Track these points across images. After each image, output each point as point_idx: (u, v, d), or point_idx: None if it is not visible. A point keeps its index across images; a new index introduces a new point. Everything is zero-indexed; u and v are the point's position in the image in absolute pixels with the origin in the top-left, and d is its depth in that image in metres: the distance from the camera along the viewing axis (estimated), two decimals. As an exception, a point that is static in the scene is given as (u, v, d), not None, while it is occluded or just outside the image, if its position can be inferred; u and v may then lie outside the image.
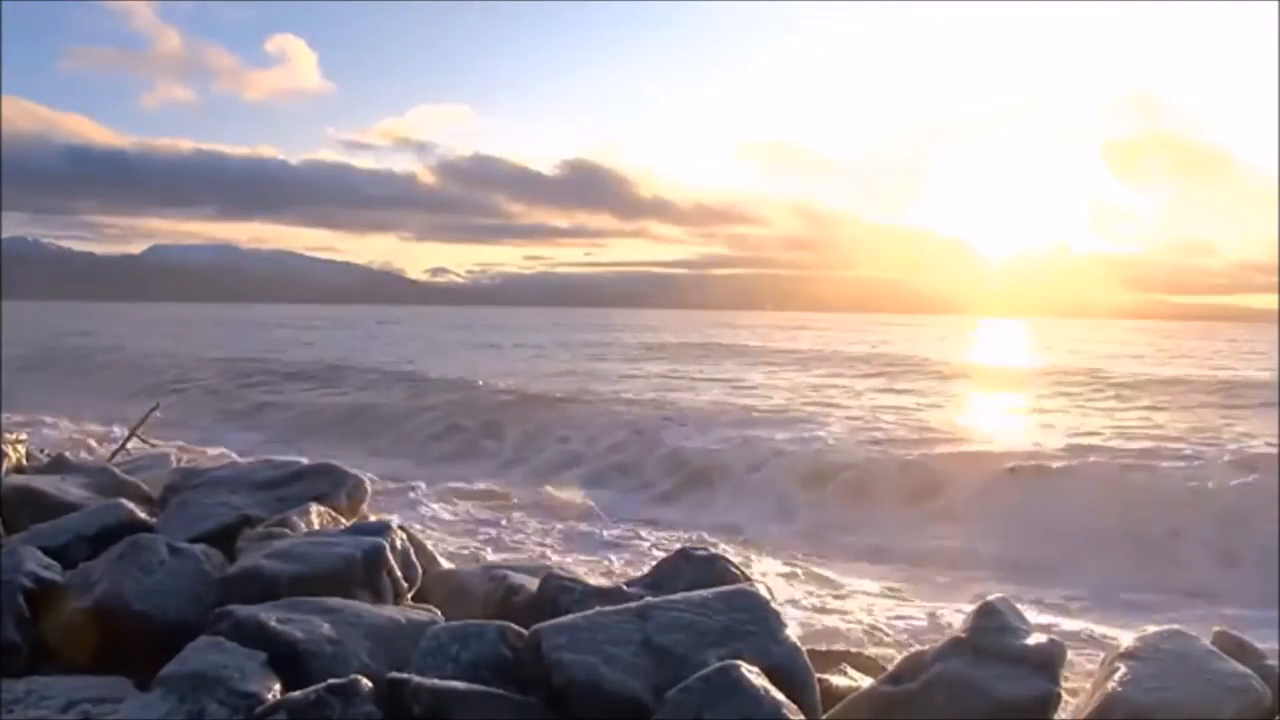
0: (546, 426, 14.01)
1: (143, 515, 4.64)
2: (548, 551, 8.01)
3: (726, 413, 15.53)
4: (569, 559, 7.46)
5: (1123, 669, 3.02)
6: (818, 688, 3.11)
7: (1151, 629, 3.24)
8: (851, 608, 6.49)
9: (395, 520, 4.52)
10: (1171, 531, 8.38)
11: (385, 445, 14.37)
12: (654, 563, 4.35)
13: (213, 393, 20.58)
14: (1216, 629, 3.34)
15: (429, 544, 4.95)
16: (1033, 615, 3.37)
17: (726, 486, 11.00)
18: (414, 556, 4.16)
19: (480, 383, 19.70)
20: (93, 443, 12.13)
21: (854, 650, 4.50)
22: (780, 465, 11.20)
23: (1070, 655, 3.29)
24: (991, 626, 3.10)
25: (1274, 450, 10.46)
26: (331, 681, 2.83)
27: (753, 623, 3.11)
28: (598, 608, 3.21)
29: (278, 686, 2.91)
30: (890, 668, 3.27)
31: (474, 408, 15.77)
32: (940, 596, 7.04)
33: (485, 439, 14.01)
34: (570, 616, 3.16)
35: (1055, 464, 10.25)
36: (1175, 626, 3.26)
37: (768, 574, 6.78)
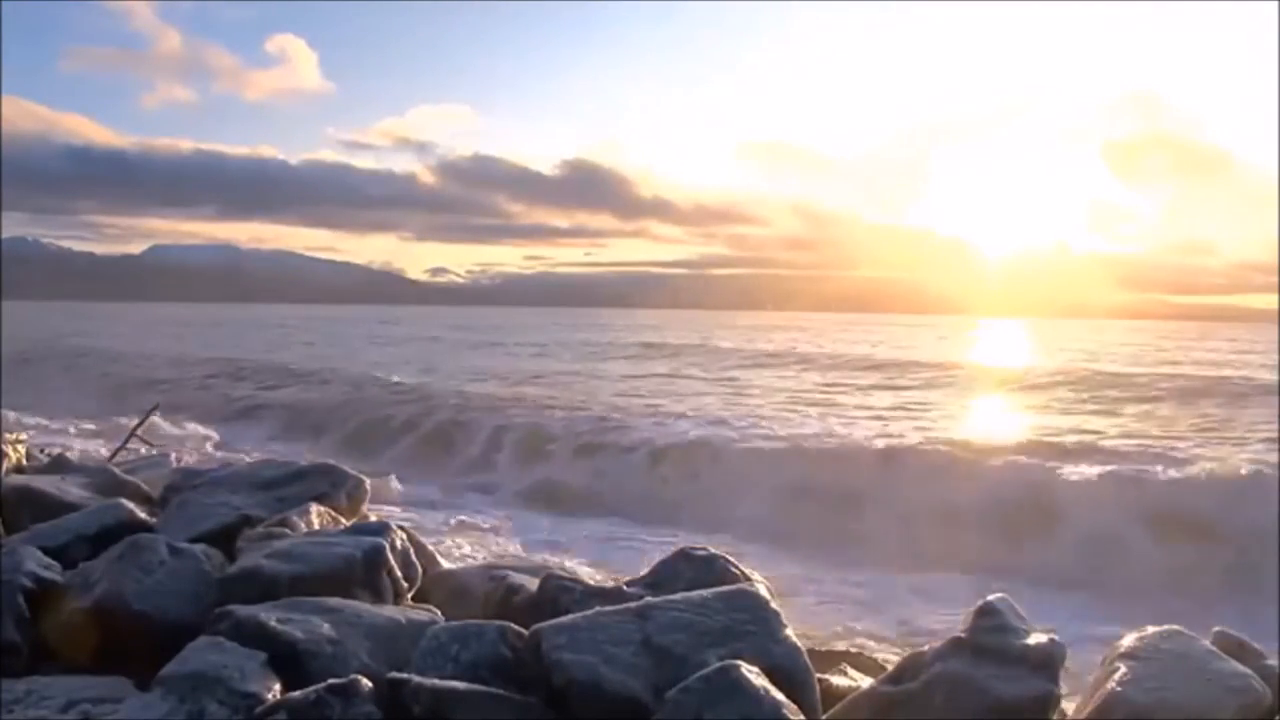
0: (534, 426, 14.00)
1: (143, 515, 4.63)
2: (535, 548, 8.03)
3: (706, 410, 15.57)
4: (567, 558, 7.47)
5: (1123, 669, 3.01)
6: (818, 688, 3.11)
7: (1151, 629, 3.23)
8: (818, 599, 6.51)
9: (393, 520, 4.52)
10: (1102, 527, 8.44)
11: (377, 450, 14.33)
12: (654, 563, 4.34)
13: (207, 391, 20.64)
14: (1216, 629, 3.34)
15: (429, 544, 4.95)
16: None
17: (700, 482, 11.04)
18: (414, 556, 4.16)
19: (476, 383, 19.70)
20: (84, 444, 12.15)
21: (854, 650, 4.50)
22: (752, 461, 11.23)
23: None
24: (991, 626, 3.10)
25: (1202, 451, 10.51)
26: (331, 681, 2.83)
27: (753, 623, 3.11)
28: (598, 608, 3.21)
29: (278, 686, 2.91)
30: (890, 668, 3.26)
31: (468, 407, 15.77)
32: (897, 595, 7.05)
33: (475, 441, 13.99)
34: (570, 616, 3.16)
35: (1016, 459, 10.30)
36: (1175, 627, 3.25)
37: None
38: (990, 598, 3.26)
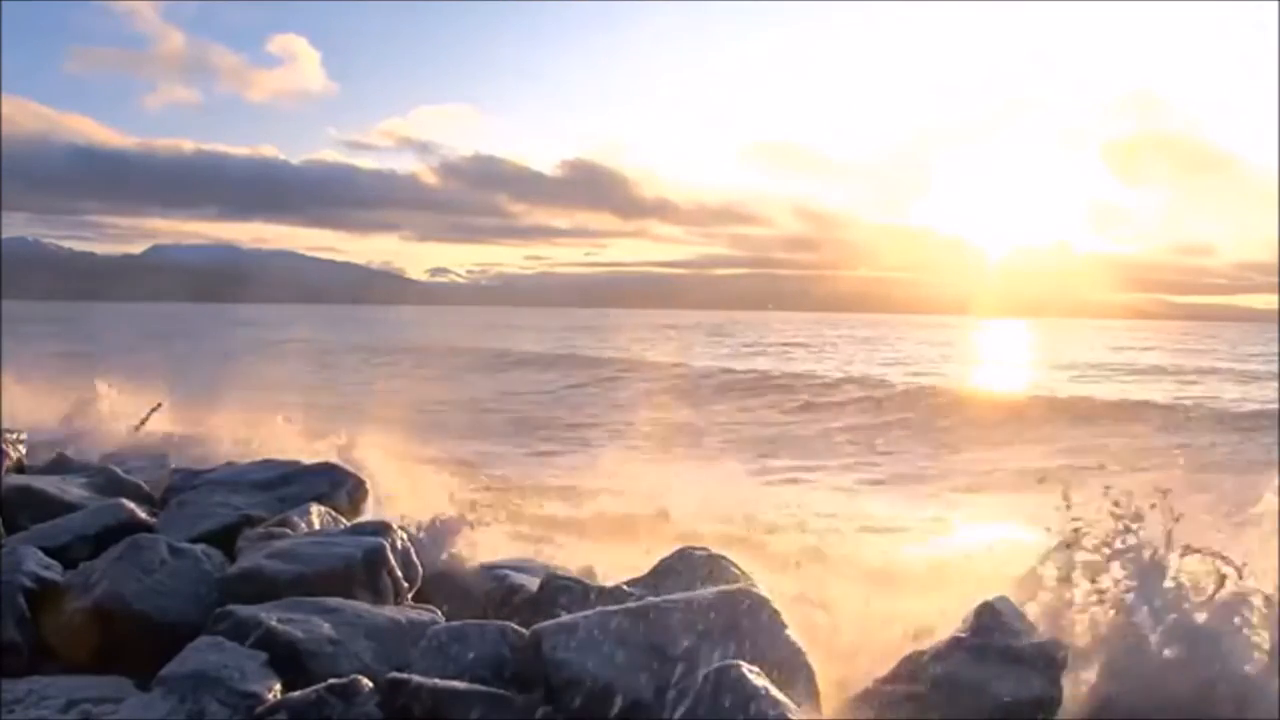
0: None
1: (143, 515, 4.63)
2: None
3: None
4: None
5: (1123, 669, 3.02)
6: (818, 686, 3.10)
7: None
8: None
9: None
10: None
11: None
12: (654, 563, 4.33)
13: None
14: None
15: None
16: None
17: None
18: (414, 556, 4.16)
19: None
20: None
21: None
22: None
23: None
24: (991, 626, 3.10)
25: None
26: (332, 681, 2.83)
27: (753, 622, 3.11)
28: (598, 608, 3.21)
29: (278, 686, 2.91)
30: (890, 667, 3.26)
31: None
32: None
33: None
34: (570, 616, 3.16)
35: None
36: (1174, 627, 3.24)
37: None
38: (990, 598, 3.25)
